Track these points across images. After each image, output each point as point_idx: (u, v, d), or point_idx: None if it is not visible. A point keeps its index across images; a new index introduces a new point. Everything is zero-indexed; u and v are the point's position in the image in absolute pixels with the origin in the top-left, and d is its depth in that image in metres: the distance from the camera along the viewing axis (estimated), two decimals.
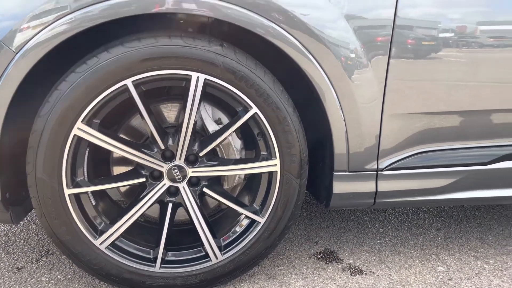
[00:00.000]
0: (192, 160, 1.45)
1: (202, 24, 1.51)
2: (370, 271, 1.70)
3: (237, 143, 1.56)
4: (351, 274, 1.68)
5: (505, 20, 1.50)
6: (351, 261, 1.77)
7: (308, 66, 1.37)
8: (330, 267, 1.72)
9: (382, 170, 1.54)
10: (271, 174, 1.48)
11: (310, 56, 1.35)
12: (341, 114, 1.44)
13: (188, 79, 1.34)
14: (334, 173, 1.52)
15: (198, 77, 1.33)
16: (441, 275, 1.69)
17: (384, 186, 1.56)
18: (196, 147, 1.44)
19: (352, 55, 1.39)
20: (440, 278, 1.67)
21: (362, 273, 1.69)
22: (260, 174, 1.51)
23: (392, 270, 1.72)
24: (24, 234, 1.94)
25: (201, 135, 1.51)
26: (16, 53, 1.24)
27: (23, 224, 2.03)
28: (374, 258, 1.80)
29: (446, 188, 1.60)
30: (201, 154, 1.43)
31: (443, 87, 1.49)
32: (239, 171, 1.51)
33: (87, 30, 1.25)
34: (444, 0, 1.44)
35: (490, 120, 1.58)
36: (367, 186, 1.55)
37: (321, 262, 1.76)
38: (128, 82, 1.30)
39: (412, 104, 1.49)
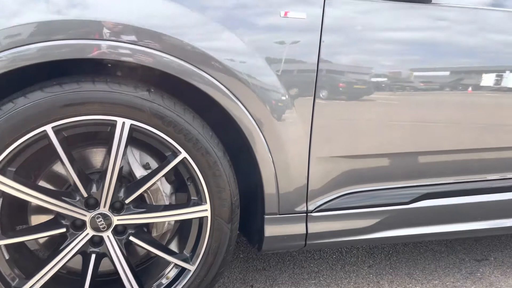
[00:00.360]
0: (117, 207, 1.39)
1: (131, 68, 1.50)
2: None
3: (166, 188, 1.52)
4: None
5: (430, 67, 1.59)
6: None
7: (236, 110, 1.39)
8: None
9: (311, 212, 1.57)
10: (201, 220, 1.45)
11: (237, 101, 1.38)
12: (270, 156, 1.46)
13: (113, 125, 1.30)
14: (265, 216, 1.53)
15: (123, 123, 1.30)
16: None
17: (314, 227, 1.58)
18: (122, 193, 1.39)
19: (278, 99, 1.43)
20: None
21: None
22: (190, 220, 1.48)
23: None
24: None
25: (128, 180, 1.46)
26: None
27: None
28: None
29: (373, 228, 1.66)
30: (127, 201, 1.38)
31: (367, 131, 1.56)
32: (168, 218, 1.47)
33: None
34: (367, 49, 1.53)
35: (411, 162, 1.68)
36: (298, 229, 1.57)
37: None
38: (48, 128, 1.24)
39: (337, 147, 1.55)
